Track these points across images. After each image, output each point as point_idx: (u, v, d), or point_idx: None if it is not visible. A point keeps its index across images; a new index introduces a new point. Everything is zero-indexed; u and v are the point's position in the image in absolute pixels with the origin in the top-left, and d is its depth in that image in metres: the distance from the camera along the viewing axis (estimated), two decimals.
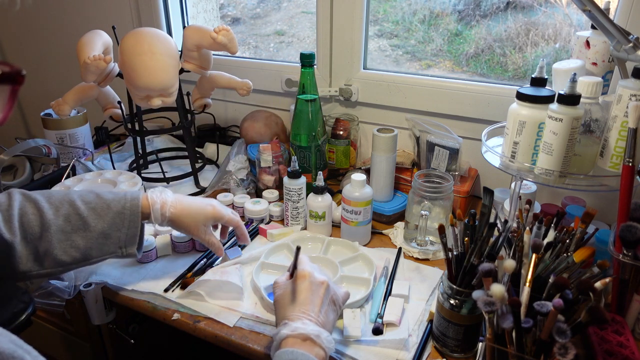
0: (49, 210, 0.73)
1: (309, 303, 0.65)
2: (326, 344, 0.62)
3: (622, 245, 0.70)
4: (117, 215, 0.76)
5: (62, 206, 0.75)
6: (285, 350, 0.59)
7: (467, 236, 0.69)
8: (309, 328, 0.62)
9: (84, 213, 0.75)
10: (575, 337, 0.53)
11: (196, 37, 1.03)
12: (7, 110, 0.40)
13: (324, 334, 0.62)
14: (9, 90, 0.39)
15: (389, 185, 1.06)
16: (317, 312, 0.65)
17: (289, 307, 0.66)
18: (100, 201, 0.77)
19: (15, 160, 1.19)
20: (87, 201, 0.76)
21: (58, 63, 1.73)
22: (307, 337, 0.61)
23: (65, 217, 0.74)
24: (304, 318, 0.63)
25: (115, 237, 0.76)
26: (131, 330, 0.99)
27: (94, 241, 0.75)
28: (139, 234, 0.78)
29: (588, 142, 0.80)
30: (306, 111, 1.08)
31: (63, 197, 0.76)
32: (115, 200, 0.77)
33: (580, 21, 1.08)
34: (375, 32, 1.31)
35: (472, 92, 1.11)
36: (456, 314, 0.68)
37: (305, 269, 0.69)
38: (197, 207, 0.83)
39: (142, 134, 1.23)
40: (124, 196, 0.78)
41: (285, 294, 0.68)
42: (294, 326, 0.62)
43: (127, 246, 0.78)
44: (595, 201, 1.00)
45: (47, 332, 1.09)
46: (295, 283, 0.68)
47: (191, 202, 0.83)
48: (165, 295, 0.83)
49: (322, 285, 0.68)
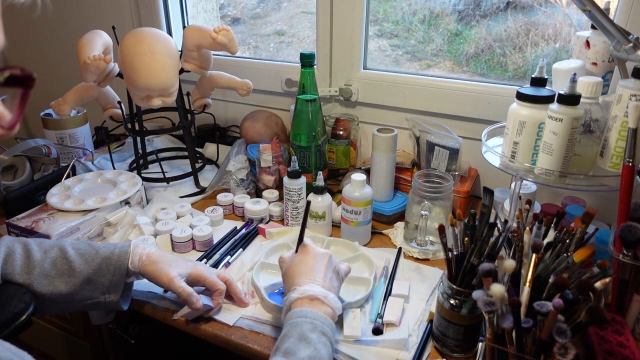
0: (37, 252, 0.73)
1: (315, 271, 0.70)
2: (333, 304, 0.66)
3: (622, 245, 0.70)
4: (104, 260, 0.74)
5: (52, 250, 0.74)
6: (295, 310, 0.63)
7: (467, 236, 0.69)
8: (316, 289, 0.66)
9: (72, 257, 0.73)
10: (575, 337, 0.53)
11: (196, 37, 1.03)
12: (18, 114, 0.40)
13: (330, 295, 0.67)
14: (20, 94, 0.39)
15: (389, 185, 1.06)
16: (322, 277, 0.70)
17: (296, 276, 0.70)
18: (90, 248, 0.76)
19: (15, 160, 1.18)
20: (77, 247, 0.76)
21: (58, 63, 1.73)
22: (315, 298, 0.65)
23: (52, 260, 0.73)
24: (311, 282, 0.68)
25: (99, 283, 0.74)
26: (131, 330, 0.99)
27: (77, 287, 0.73)
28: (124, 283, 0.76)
29: (588, 142, 0.80)
30: (306, 111, 1.08)
31: (54, 243, 0.76)
32: (105, 247, 0.76)
33: (580, 21, 1.08)
34: (375, 32, 1.31)
35: (472, 92, 1.11)
36: (456, 314, 0.68)
37: (309, 242, 0.76)
38: (176, 258, 0.79)
39: (142, 134, 1.23)
40: (115, 245, 0.77)
41: (291, 266, 0.73)
42: (302, 289, 0.66)
43: (111, 292, 0.74)
44: (595, 201, 1.00)
45: (47, 332, 1.09)
46: (300, 256, 0.74)
47: (171, 256, 0.79)
48: (165, 295, 0.83)
49: (326, 255, 0.74)
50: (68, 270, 0.73)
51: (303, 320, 0.61)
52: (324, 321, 0.62)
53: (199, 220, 1.01)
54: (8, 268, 0.70)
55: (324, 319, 0.62)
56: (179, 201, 1.11)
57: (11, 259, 0.71)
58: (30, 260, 0.72)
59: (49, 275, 0.72)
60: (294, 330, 0.60)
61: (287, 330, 0.61)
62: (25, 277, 0.70)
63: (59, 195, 1.02)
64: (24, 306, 0.67)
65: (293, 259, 0.74)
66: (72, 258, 0.73)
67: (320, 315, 0.62)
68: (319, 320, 0.62)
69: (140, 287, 0.85)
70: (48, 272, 0.72)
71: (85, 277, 0.73)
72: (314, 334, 0.60)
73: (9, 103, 0.39)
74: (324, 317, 0.62)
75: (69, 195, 1.02)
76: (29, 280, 0.70)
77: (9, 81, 0.37)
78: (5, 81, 0.37)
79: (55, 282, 0.72)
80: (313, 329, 0.60)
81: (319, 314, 0.62)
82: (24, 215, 0.97)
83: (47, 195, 1.02)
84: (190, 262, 0.81)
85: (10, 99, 0.39)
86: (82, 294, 0.74)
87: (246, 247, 0.98)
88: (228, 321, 0.77)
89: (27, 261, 0.72)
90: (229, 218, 1.09)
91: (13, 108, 0.39)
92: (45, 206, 1.00)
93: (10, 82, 0.37)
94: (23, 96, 0.39)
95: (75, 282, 0.72)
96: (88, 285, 0.73)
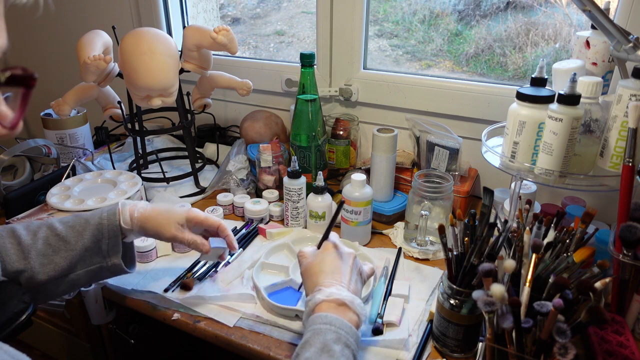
0: (26, 236, 0.72)
1: (340, 272, 0.67)
2: (359, 310, 0.63)
3: (622, 245, 0.70)
4: (95, 228, 0.74)
5: (40, 230, 0.74)
6: (320, 314, 0.61)
7: (467, 236, 0.69)
8: (343, 294, 0.63)
9: (63, 232, 0.73)
10: (575, 337, 0.53)
11: (196, 37, 1.03)
12: (20, 114, 0.40)
13: (357, 300, 0.64)
14: (21, 94, 0.39)
15: (389, 185, 1.06)
16: (348, 280, 0.66)
17: (320, 275, 0.67)
18: (78, 219, 0.76)
19: (15, 160, 1.19)
20: (65, 221, 0.75)
21: (58, 63, 1.73)
22: (342, 303, 0.62)
23: (44, 239, 0.73)
24: (337, 284, 0.65)
25: (97, 248, 0.75)
26: (131, 330, 0.99)
27: (77, 258, 0.73)
28: (124, 247, 0.76)
29: (588, 142, 0.80)
30: (306, 111, 1.08)
31: (41, 223, 0.75)
32: (92, 215, 0.76)
33: (580, 21, 1.08)
34: (375, 32, 1.31)
35: (472, 92, 1.11)
36: (456, 314, 0.68)
37: (335, 240, 0.73)
38: (168, 208, 0.80)
39: (142, 134, 1.23)
40: (101, 210, 0.77)
41: (314, 264, 0.69)
42: (329, 292, 0.63)
43: (111, 255, 0.75)
44: (595, 201, 1.00)
45: (47, 332, 1.09)
46: (323, 253, 0.70)
47: (163, 206, 0.81)
48: (165, 295, 0.83)
49: (350, 256, 0.70)
50: (63, 245, 0.73)
51: (328, 328, 0.58)
52: (349, 331, 0.59)
53: None
54: (4, 259, 0.70)
55: (349, 328, 0.60)
56: (179, 201, 1.11)
57: (4, 249, 0.71)
58: (23, 246, 0.71)
59: (46, 254, 0.72)
60: (317, 338, 0.57)
61: (310, 336, 0.58)
62: (24, 262, 0.70)
63: (59, 195, 1.02)
64: (24, 306, 0.67)
65: (316, 256, 0.70)
66: (63, 233, 0.73)
67: (345, 324, 0.59)
68: (344, 330, 0.59)
69: (140, 287, 0.85)
70: (44, 251, 0.72)
71: (82, 247, 0.73)
72: (337, 346, 0.57)
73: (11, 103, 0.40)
74: (349, 327, 0.60)
75: (69, 195, 1.02)
76: (29, 265, 0.70)
77: (11, 81, 0.37)
78: (6, 81, 0.37)
79: (55, 258, 0.72)
80: (337, 339, 0.57)
81: (344, 323, 0.59)
82: (24, 215, 0.97)
83: (47, 195, 1.02)
84: (182, 207, 0.81)
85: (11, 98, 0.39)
86: (83, 263, 0.74)
87: (246, 247, 0.98)
88: (228, 321, 0.78)
89: (20, 247, 0.71)
90: (229, 218, 1.09)
91: (15, 108, 0.40)
92: (45, 206, 1.00)
93: (12, 81, 0.37)
94: (24, 96, 0.39)
95: (73, 254, 0.73)
96: (87, 253, 0.74)
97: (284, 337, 0.75)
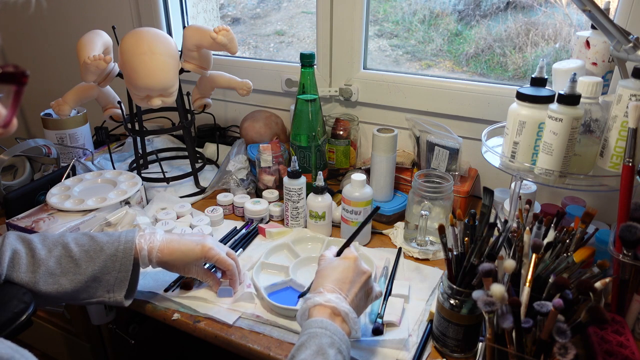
0: (42, 250, 0.73)
1: (348, 283, 0.67)
2: (352, 324, 0.64)
3: (622, 245, 0.70)
4: (109, 258, 0.74)
5: (55, 248, 0.74)
6: (316, 319, 0.61)
7: (467, 236, 0.69)
8: (341, 304, 0.64)
9: (76, 255, 0.74)
10: (575, 337, 0.53)
11: (196, 37, 1.03)
12: (12, 112, 0.39)
13: (352, 314, 0.64)
14: (13, 91, 0.39)
15: (389, 185, 1.06)
16: (353, 294, 0.67)
17: (328, 279, 0.67)
18: (94, 244, 0.75)
19: (15, 160, 1.19)
20: (81, 244, 0.75)
21: (58, 63, 1.73)
22: (339, 313, 0.63)
23: (57, 258, 0.73)
24: (339, 293, 0.65)
25: (105, 280, 0.74)
26: (131, 330, 0.99)
27: (82, 285, 0.73)
28: (130, 280, 0.76)
29: (588, 142, 0.80)
30: (306, 111, 1.08)
31: (57, 239, 0.76)
32: (109, 243, 0.76)
33: (580, 21, 1.08)
34: (375, 32, 1.31)
35: (472, 92, 1.11)
36: (456, 314, 0.68)
37: (355, 252, 0.73)
38: (185, 249, 0.79)
39: (142, 134, 1.23)
40: (118, 238, 0.77)
41: (328, 267, 0.70)
42: (328, 297, 0.64)
43: (115, 291, 0.75)
44: (595, 201, 1.00)
45: (47, 332, 1.09)
46: (340, 261, 0.71)
47: (180, 244, 0.80)
48: (165, 295, 0.83)
49: (365, 274, 0.70)
50: (73, 267, 0.73)
51: (323, 332, 0.60)
52: (342, 338, 0.60)
53: (199, 220, 1.01)
54: (15, 268, 0.70)
55: (342, 335, 0.61)
56: (179, 201, 1.11)
57: (17, 258, 0.71)
58: (35, 259, 0.72)
59: (54, 274, 0.72)
60: (313, 341, 0.59)
61: (305, 339, 0.59)
62: (31, 275, 0.71)
63: (59, 195, 1.02)
64: (24, 306, 0.67)
65: (333, 261, 0.71)
66: (76, 256, 0.73)
67: (339, 330, 0.61)
68: (338, 336, 0.60)
69: (140, 287, 0.85)
70: (53, 270, 0.72)
71: (91, 275, 0.73)
72: (331, 350, 0.58)
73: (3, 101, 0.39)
74: (342, 334, 0.61)
75: (69, 195, 1.02)
76: (35, 279, 0.70)
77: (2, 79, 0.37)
78: None
79: (61, 280, 0.72)
80: (331, 344, 0.59)
81: (338, 329, 0.61)
82: (24, 215, 0.97)
83: (47, 195, 1.02)
84: (198, 239, 0.82)
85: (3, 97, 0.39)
86: (86, 292, 0.74)
87: (246, 247, 0.98)
88: (228, 321, 0.78)
89: (32, 260, 0.72)
90: (229, 218, 1.09)
91: (7, 106, 0.39)
92: (45, 206, 1.00)
93: (3, 79, 0.37)
94: (17, 94, 0.39)
95: (80, 279, 0.73)
96: (93, 283, 0.74)
97: (284, 337, 0.75)
